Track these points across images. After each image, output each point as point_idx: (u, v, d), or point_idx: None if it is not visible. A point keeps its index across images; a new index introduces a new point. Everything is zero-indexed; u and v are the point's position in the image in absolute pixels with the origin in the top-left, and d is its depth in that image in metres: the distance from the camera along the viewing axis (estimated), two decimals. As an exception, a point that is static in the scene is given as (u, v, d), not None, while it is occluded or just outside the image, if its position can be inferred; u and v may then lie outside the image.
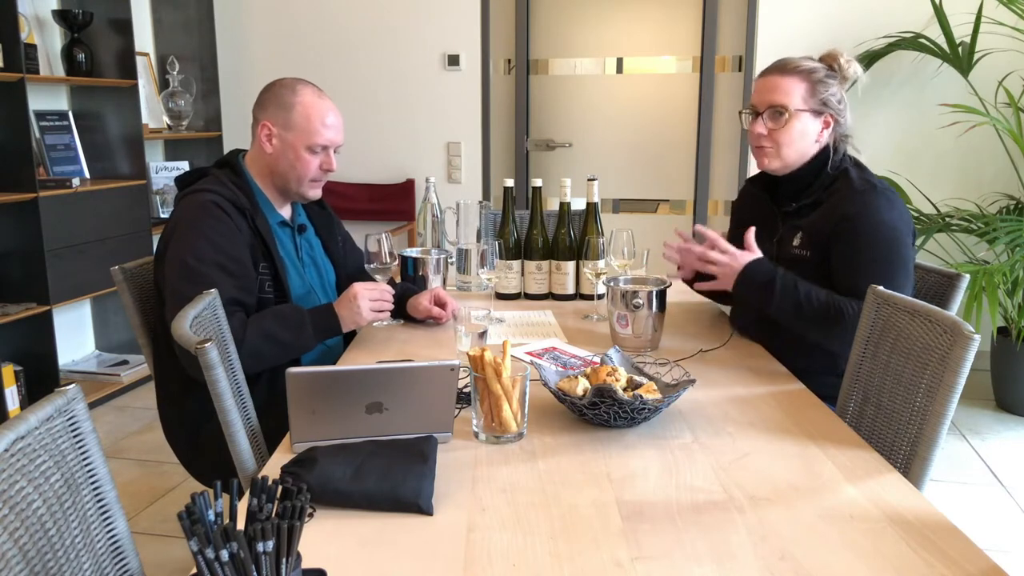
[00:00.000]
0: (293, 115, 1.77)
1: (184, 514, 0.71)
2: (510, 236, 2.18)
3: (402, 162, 4.25)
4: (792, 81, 1.73)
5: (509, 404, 1.27)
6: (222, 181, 1.76)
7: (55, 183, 3.18)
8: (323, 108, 1.79)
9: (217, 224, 1.67)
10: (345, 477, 1.09)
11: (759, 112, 1.77)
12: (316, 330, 1.70)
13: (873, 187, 1.70)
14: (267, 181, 1.84)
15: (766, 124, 1.76)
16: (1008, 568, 0.99)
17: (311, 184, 1.83)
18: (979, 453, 2.97)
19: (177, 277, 1.63)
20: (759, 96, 1.77)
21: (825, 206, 1.73)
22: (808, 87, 1.73)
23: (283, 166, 1.80)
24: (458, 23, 4.06)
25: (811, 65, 1.75)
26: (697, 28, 4.03)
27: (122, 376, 3.54)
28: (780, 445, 1.28)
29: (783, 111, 1.73)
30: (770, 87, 1.76)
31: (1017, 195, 3.62)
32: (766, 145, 1.77)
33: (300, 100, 1.78)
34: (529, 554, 0.96)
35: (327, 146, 1.80)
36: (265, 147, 1.79)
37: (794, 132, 1.74)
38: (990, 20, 3.45)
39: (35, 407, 0.96)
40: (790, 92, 1.73)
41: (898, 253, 1.65)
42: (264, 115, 1.80)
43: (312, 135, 1.77)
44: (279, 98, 1.79)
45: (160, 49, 4.12)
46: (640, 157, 4.20)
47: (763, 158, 1.80)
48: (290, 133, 1.77)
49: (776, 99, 1.74)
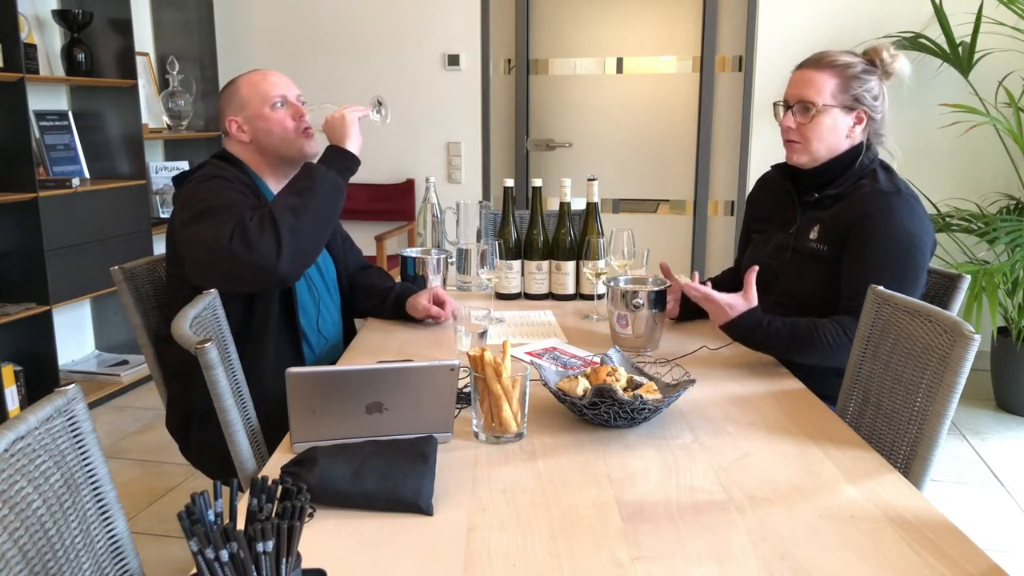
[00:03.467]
0: (241, 94, 1.84)
1: (184, 514, 0.70)
2: (510, 236, 2.18)
3: (402, 162, 4.25)
4: (824, 76, 1.72)
5: (509, 404, 1.26)
6: (222, 167, 1.79)
7: (55, 183, 3.18)
8: (260, 74, 1.88)
9: (230, 184, 1.72)
10: (345, 477, 1.09)
11: (790, 105, 1.76)
12: (328, 165, 1.75)
13: (898, 191, 1.69)
14: (261, 165, 1.86)
15: (795, 118, 1.75)
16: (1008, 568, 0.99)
17: (300, 137, 1.85)
18: (979, 453, 2.97)
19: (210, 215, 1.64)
20: (791, 89, 1.77)
21: (847, 202, 1.72)
22: (840, 82, 1.72)
23: (264, 139, 1.83)
24: (458, 23, 4.07)
25: (847, 60, 1.73)
26: (697, 28, 4.03)
27: (122, 376, 3.54)
28: (780, 445, 1.28)
29: (811, 106, 1.72)
30: (802, 81, 1.74)
31: (1017, 195, 3.62)
32: (795, 139, 1.76)
33: (240, 82, 1.86)
34: (529, 554, 0.96)
35: (284, 95, 1.84)
36: (242, 138, 1.84)
37: (823, 127, 1.73)
38: (990, 20, 3.45)
39: (35, 407, 0.96)
40: (820, 87, 1.72)
41: (911, 259, 1.63)
42: (225, 115, 1.86)
43: (264, 94, 1.83)
44: (226, 95, 1.87)
45: (160, 49, 4.12)
46: (640, 157, 4.20)
47: (790, 151, 1.79)
48: (248, 109, 1.83)
49: (805, 93, 1.73)
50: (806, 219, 1.79)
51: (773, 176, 1.93)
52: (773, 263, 1.81)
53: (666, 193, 4.22)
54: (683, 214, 4.20)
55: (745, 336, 1.62)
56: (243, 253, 1.57)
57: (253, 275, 1.60)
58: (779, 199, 1.88)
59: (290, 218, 1.62)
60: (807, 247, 1.75)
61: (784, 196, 1.86)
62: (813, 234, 1.75)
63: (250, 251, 1.57)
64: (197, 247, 1.64)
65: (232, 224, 1.59)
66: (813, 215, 1.77)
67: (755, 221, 1.97)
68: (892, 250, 1.63)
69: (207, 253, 1.61)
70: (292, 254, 1.61)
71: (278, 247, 1.59)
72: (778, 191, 1.89)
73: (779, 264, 1.80)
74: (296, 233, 1.61)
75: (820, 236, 1.73)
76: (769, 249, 1.84)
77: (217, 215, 1.63)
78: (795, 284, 1.76)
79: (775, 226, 1.87)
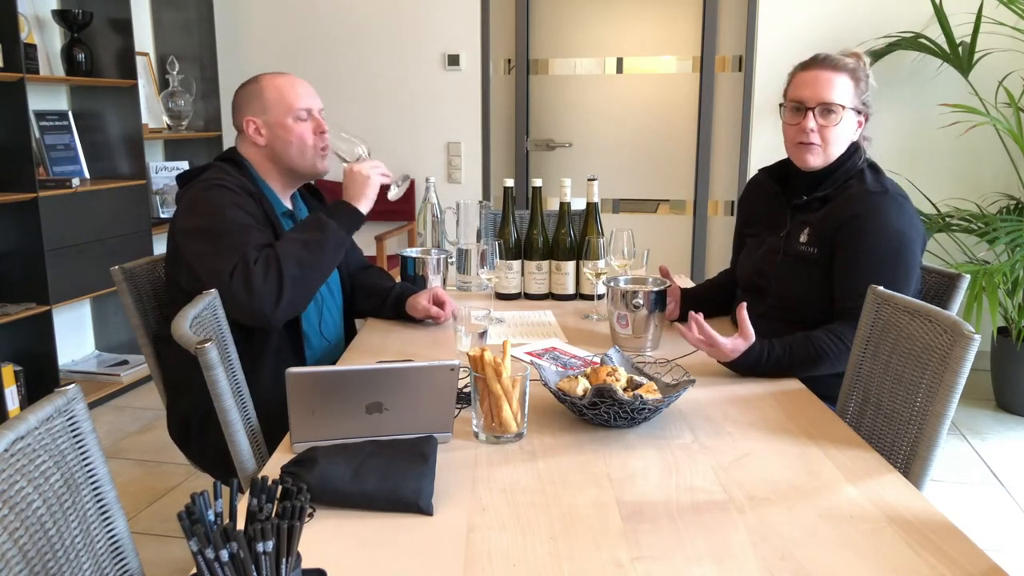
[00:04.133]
0: (265, 98, 1.82)
1: (184, 514, 0.70)
2: (510, 236, 2.18)
3: (402, 162, 4.25)
4: (843, 78, 1.71)
5: (509, 404, 1.26)
6: (227, 171, 1.77)
7: (55, 183, 3.18)
8: (288, 80, 1.85)
9: (235, 196, 1.71)
10: (345, 477, 1.09)
11: (808, 108, 1.72)
12: (340, 221, 1.73)
13: (885, 191, 1.68)
14: (271, 172, 1.85)
15: (817, 120, 1.72)
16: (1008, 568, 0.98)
17: (316, 154, 1.84)
18: (979, 453, 2.97)
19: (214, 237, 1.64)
20: (809, 91, 1.72)
21: (835, 203, 1.71)
22: (855, 85, 1.72)
23: (280, 147, 1.82)
24: (458, 23, 4.06)
25: (854, 63, 1.74)
26: (697, 28, 4.03)
27: (122, 376, 3.54)
28: (780, 445, 1.28)
29: (837, 108, 1.71)
30: (822, 83, 1.71)
31: (1017, 195, 3.62)
32: (815, 142, 1.72)
33: (265, 84, 1.84)
34: (529, 554, 0.96)
35: (309, 109, 1.83)
36: (257, 140, 1.82)
37: (843, 130, 1.73)
38: (990, 20, 3.45)
39: (35, 407, 0.96)
40: (842, 89, 1.71)
41: (902, 259, 1.63)
42: (243, 113, 1.84)
43: (290, 104, 1.81)
44: (248, 93, 1.85)
45: (160, 49, 4.12)
46: (640, 157, 4.20)
47: (807, 155, 1.74)
48: (270, 114, 1.81)
49: (829, 96, 1.70)
50: (796, 222, 1.78)
51: (762, 179, 1.92)
52: (766, 267, 1.80)
53: (666, 193, 4.22)
54: (683, 214, 4.20)
55: (749, 370, 1.60)
56: (242, 295, 1.59)
57: (245, 315, 1.62)
58: (769, 202, 1.87)
59: (295, 270, 1.63)
60: (798, 250, 1.74)
61: (774, 199, 1.86)
62: (803, 237, 1.74)
63: (249, 295, 1.59)
64: (197, 268, 1.65)
65: (235, 260, 1.60)
66: (803, 218, 1.76)
67: (747, 225, 1.97)
68: (882, 250, 1.63)
69: (206, 280, 1.63)
70: (288, 303, 1.63)
71: (278, 296, 1.61)
72: (768, 194, 1.88)
73: (771, 268, 1.79)
74: (297, 285, 1.63)
75: (810, 239, 1.73)
76: (761, 253, 1.83)
77: (221, 239, 1.63)
78: (788, 288, 1.76)
79: (766, 230, 1.86)
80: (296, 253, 1.65)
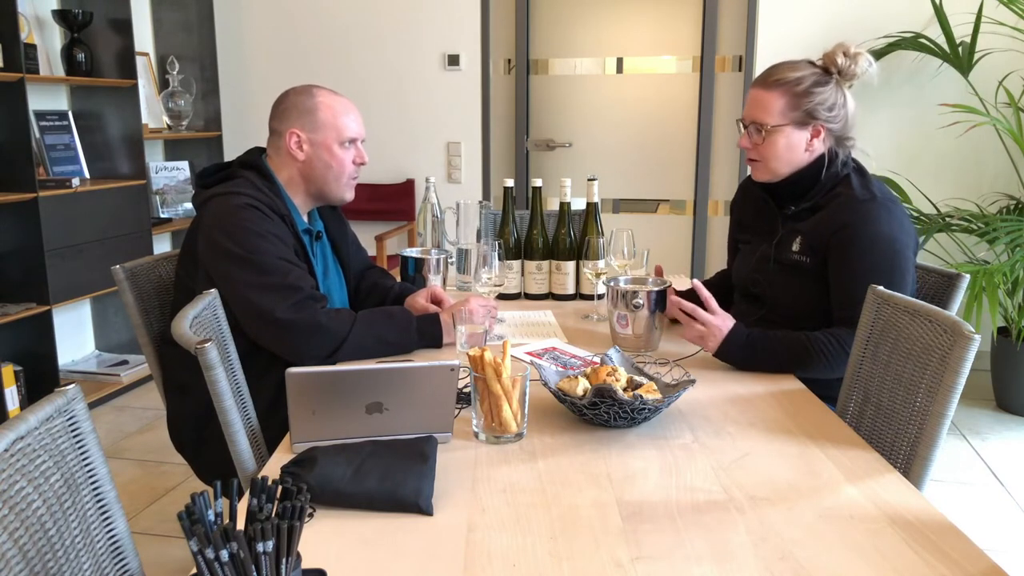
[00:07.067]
0: (318, 116, 1.78)
1: (184, 514, 0.70)
2: (510, 236, 2.18)
3: (402, 162, 4.25)
4: (771, 96, 1.71)
5: (509, 404, 1.26)
6: (255, 185, 1.74)
7: (55, 183, 3.18)
8: (344, 104, 1.83)
9: (269, 224, 1.69)
10: (345, 477, 1.09)
11: (745, 125, 1.78)
12: (421, 335, 1.72)
13: (873, 196, 1.67)
14: (298, 188, 1.83)
15: (752, 138, 1.76)
16: (1008, 568, 0.99)
17: (349, 182, 1.84)
18: (979, 453, 2.97)
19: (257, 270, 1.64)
20: (746, 109, 1.77)
21: (825, 212, 1.70)
22: (788, 100, 1.70)
23: (319, 169, 1.80)
24: (458, 23, 4.07)
25: (795, 75, 1.70)
26: (697, 28, 4.03)
27: (122, 376, 3.54)
28: (780, 445, 1.28)
29: (761, 126, 1.72)
30: (752, 101, 1.75)
31: (1017, 195, 3.62)
32: (755, 158, 1.77)
33: (320, 101, 1.80)
34: (529, 554, 0.96)
35: (355, 139, 1.83)
36: (297, 155, 1.79)
37: (777, 147, 1.73)
38: (990, 20, 3.45)
39: (35, 407, 0.96)
40: (768, 107, 1.71)
41: (896, 264, 1.62)
42: (288, 124, 1.79)
43: (341, 130, 1.80)
44: (300, 104, 1.80)
45: (160, 49, 4.13)
46: (640, 157, 4.20)
47: (752, 169, 1.81)
48: (319, 134, 1.79)
49: (755, 115, 1.74)
50: (787, 230, 1.77)
51: (751, 186, 1.92)
52: (759, 276, 1.80)
53: (666, 193, 4.22)
54: (683, 214, 4.20)
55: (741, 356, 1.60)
56: (301, 342, 1.62)
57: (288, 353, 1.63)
58: (760, 209, 1.87)
59: (356, 349, 1.65)
60: (790, 259, 1.74)
61: (764, 206, 1.86)
62: (795, 246, 1.74)
63: (307, 344, 1.62)
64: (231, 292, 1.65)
65: (290, 300, 1.62)
66: (794, 227, 1.76)
67: (741, 230, 1.97)
68: (875, 257, 1.63)
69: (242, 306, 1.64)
70: (332, 359, 1.64)
71: (332, 353, 1.63)
72: (758, 200, 1.88)
73: (765, 276, 1.79)
74: (350, 354, 1.65)
75: (802, 248, 1.72)
76: (754, 261, 1.83)
77: (268, 275, 1.63)
78: (781, 296, 1.75)
79: (759, 236, 1.86)
80: (372, 341, 1.66)
